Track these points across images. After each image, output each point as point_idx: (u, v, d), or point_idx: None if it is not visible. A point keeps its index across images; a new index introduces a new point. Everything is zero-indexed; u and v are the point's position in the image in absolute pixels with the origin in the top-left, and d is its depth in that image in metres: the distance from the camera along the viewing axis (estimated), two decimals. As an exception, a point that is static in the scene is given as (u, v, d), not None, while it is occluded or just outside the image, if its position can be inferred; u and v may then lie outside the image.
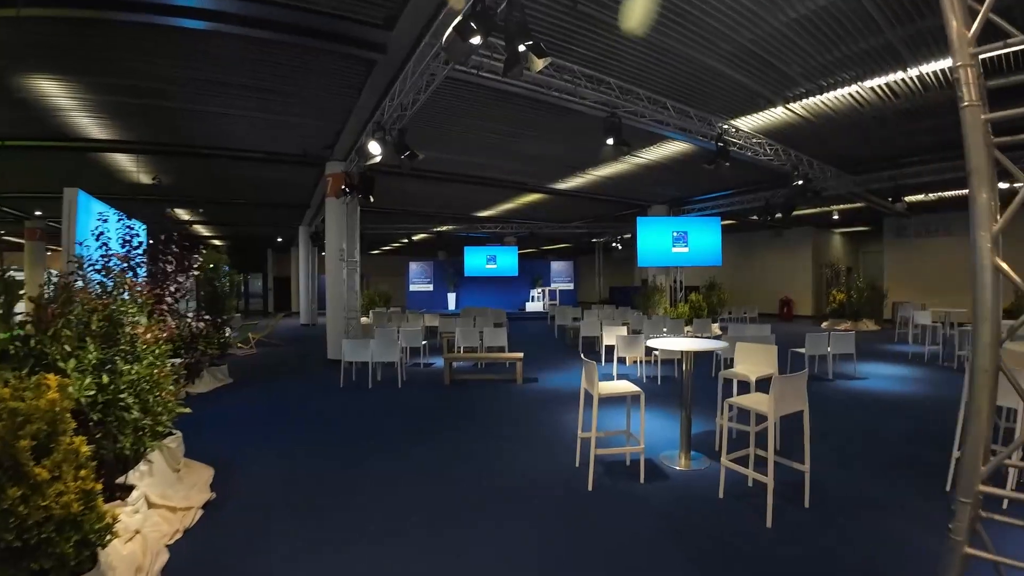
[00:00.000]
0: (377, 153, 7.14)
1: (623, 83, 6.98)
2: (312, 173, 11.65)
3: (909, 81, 7.35)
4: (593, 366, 4.15)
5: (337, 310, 10.74)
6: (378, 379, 8.28)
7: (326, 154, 10.46)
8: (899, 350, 11.52)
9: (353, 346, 8.10)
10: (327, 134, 9.39)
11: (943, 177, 11.22)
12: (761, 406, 3.77)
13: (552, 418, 6.04)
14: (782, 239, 22.10)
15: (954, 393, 7.32)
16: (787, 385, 3.71)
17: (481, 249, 23.98)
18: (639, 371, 8.88)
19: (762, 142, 9.64)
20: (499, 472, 4.43)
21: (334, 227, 10.86)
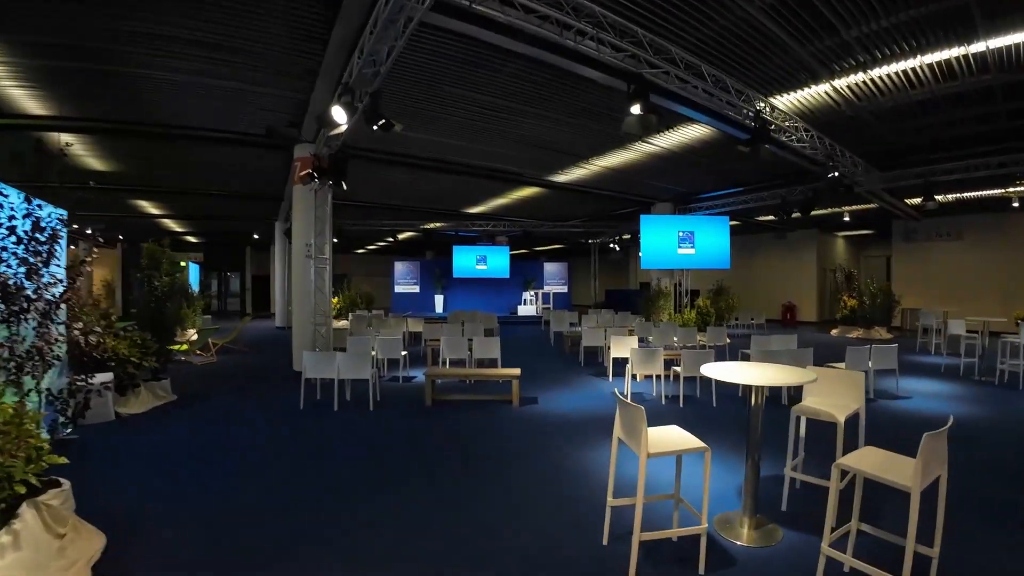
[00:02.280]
0: (343, 121, 5.78)
1: (655, 37, 5.68)
2: (282, 158, 10.25)
3: (972, 58, 6.24)
4: (639, 413, 2.85)
5: (304, 315, 9.33)
6: (347, 398, 6.93)
7: (293, 134, 9.07)
8: (927, 362, 10.47)
9: (316, 360, 6.72)
10: (291, 107, 7.99)
11: (974, 175, 10.17)
12: (895, 475, 2.50)
13: (562, 459, 4.71)
14: (785, 242, 21.16)
15: (1009, 413, 6.49)
16: (938, 444, 2.46)
17: (471, 249, 22.63)
18: (654, 387, 7.63)
19: (798, 126, 8.40)
20: (490, 552, 3.12)
21: (301, 219, 9.46)
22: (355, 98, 6.05)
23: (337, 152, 8.49)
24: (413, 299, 23.23)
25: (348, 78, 6.03)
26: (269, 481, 4.25)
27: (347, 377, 6.65)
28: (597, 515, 3.37)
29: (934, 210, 11.94)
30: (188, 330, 11.76)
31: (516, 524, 3.46)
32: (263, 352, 12.09)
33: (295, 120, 8.53)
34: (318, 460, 4.76)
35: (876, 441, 3.99)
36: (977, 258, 16.52)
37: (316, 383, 7.08)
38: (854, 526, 2.96)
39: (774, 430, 4.84)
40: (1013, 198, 12.85)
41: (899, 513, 3.38)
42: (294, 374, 8.82)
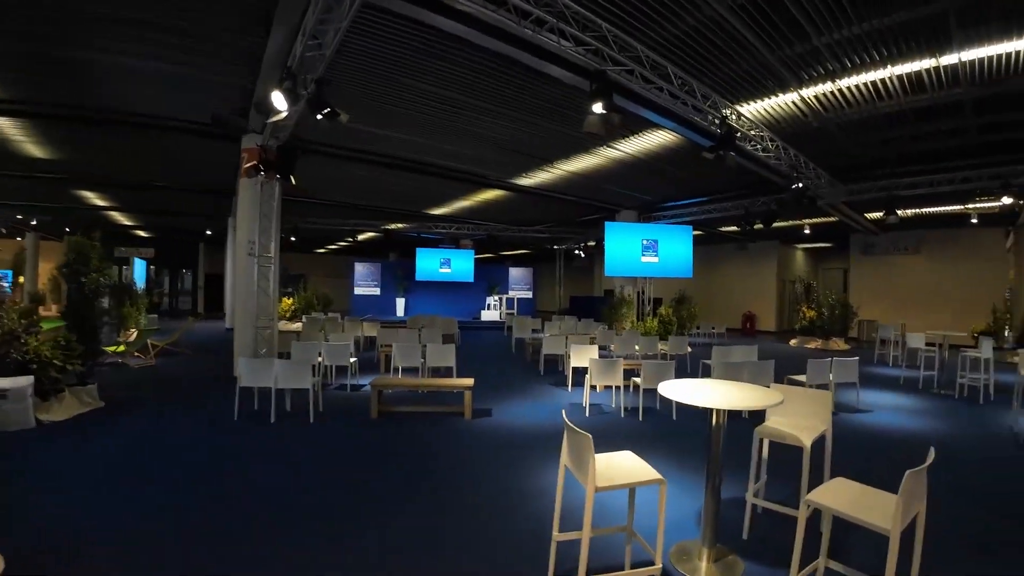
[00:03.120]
0: (283, 108, 5.32)
1: (620, 33, 5.40)
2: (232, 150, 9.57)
3: (943, 70, 6.19)
4: (586, 442, 2.51)
5: (246, 317, 8.72)
6: (287, 408, 6.42)
7: (240, 123, 8.47)
8: (886, 374, 10.57)
9: (252, 367, 6.17)
10: (238, 94, 7.44)
11: (938, 190, 10.29)
12: (872, 514, 2.23)
13: (510, 480, 4.33)
14: (747, 252, 21.44)
15: (975, 429, 6.37)
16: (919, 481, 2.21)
17: (434, 251, 22.12)
18: (613, 399, 7.36)
19: (764, 135, 8.30)
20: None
21: (246, 214, 8.85)
22: (298, 84, 5.59)
23: (285, 144, 7.98)
24: (374, 302, 22.55)
25: (291, 62, 5.57)
26: (189, 501, 3.76)
27: (285, 386, 6.13)
28: (543, 548, 3.02)
29: (894, 224, 12.11)
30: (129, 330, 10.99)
31: (453, 557, 3.08)
32: (207, 355, 11.36)
33: (243, 108, 7.96)
34: (245, 479, 4.27)
35: (842, 462, 3.77)
36: (934, 272, 16.99)
37: (254, 392, 6.54)
38: (822, 563, 2.70)
39: (736, 445, 4.59)
40: (973, 214, 13.16)
41: (869, 546, 3.15)
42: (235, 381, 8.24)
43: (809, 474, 3.23)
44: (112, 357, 9.54)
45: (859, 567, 2.66)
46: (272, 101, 5.28)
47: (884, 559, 2.12)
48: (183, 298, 26.67)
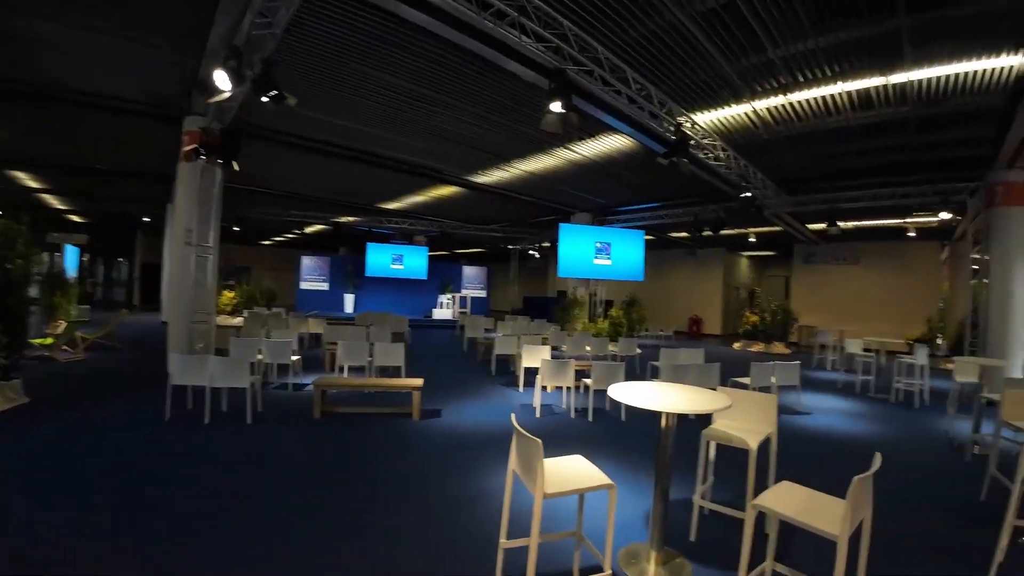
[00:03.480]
0: (226, 88, 5.00)
1: (581, 32, 5.36)
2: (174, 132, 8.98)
3: (891, 89, 6.48)
4: (536, 447, 2.43)
5: (181, 311, 8.22)
6: (223, 409, 6.06)
7: (183, 104, 8.01)
8: (825, 378, 11.03)
9: (185, 364, 5.78)
10: (182, 73, 6.99)
11: (880, 204, 10.83)
12: (819, 520, 2.24)
13: (457, 485, 4.20)
14: (695, 258, 22.07)
15: (911, 433, 6.65)
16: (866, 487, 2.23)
17: (386, 247, 21.58)
18: (564, 400, 7.35)
19: (716, 144, 8.50)
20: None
21: (184, 201, 8.32)
22: (244, 64, 5.27)
23: (229, 127, 7.57)
24: (321, 297, 21.83)
25: (238, 40, 5.25)
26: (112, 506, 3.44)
27: (221, 385, 5.78)
28: (491, 555, 2.92)
29: (836, 236, 12.70)
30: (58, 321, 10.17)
31: (395, 564, 2.93)
32: (141, 350, 10.67)
33: (186, 88, 7.51)
34: (174, 483, 3.97)
35: (786, 463, 3.84)
36: (872, 282, 17.95)
37: (187, 390, 6.15)
38: (769, 567, 2.71)
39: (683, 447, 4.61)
40: (910, 228, 13.97)
41: (814, 548, 3.20)
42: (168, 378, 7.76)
43: (755, 476, 3.26)
44: (39, 350, 8.82)
45: (805, 570, 2.69)
46: (214, 80, 4.96)
47: (829, 561, 2.13)
48: (118, 289, 25.07)
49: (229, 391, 6.14)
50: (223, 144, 7.14)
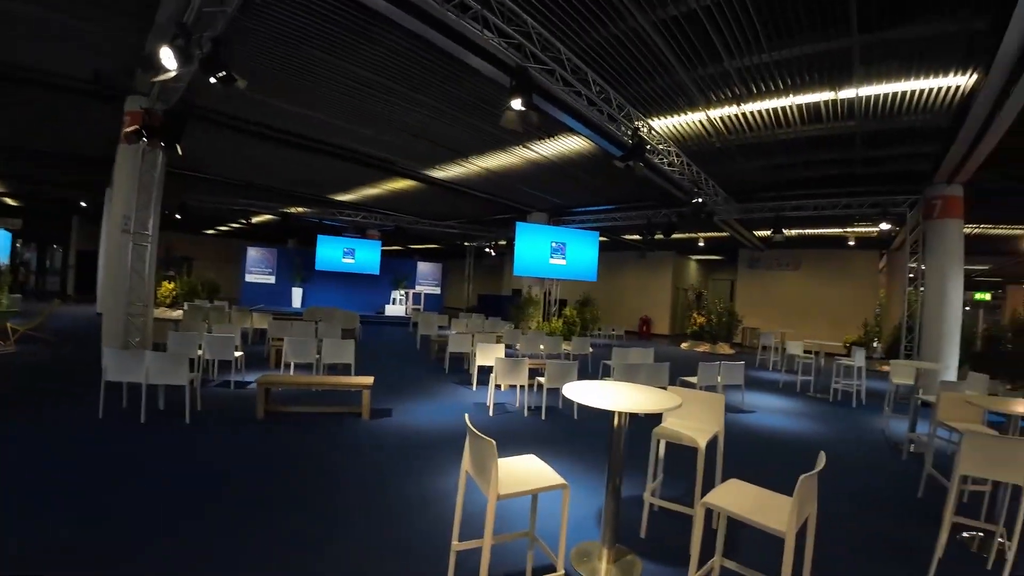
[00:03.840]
0: (172, 67, 4.72)
1: (544, 31, 5.35)
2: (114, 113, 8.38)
3: (840, 103, 6.78)
4: (489, 448, 2.40)
5: (117, 302, 7.74)
6: (160, 407, 5.74)
7: (126, 83, 7.53)
8: (767, 378, 11.50)
9: (120, 359, 5.43)
10: (125, 49, 6.53)
11: (822, 213, 11.37)
12: (767, 517, 2.31)
13: (407, 486, 4.11)
14: (646, 260, 22.55)
15: (850, 431, 7.00)
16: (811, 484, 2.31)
17: (338, 240, 20.97)
18: (518, 398, 7.36)
19: (671, 150, 8.69)
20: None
21: (123, 185, 7.84)
22: (192, 42, 4.99)
23: (173, 109, 7.17)
24: (267, 291, 21.03)
25: (187, 17, 4.96)
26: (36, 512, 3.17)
27: (157, 382, 5.46)
28: (443, 558, 2.87)
29: (779, 242, 13.25)
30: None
31: (342, 569, 2.83)
32: (75, 343, 10.00)
33: (129, 66, 7.04)
34: (105, 486, 3.70)
35: (732, 460, 3.95)
36: (812, 287, 18.86)
37: (123, 387, 5.79)
38: (717, 562, 2.78)
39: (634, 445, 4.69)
40: (850, 237, 14.75)
41: (761, 545, 3.31)
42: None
43: (703, 474, 3.34)
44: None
45: (753, 565, 2.77)
46: (160, 58, 4.67)
47: (776, 556, 2.19)
48: (52, 277, 23.43)
49: (167, 388, 5.82)
50: (166, 126, 6.74)
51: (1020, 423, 3.89)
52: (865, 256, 17.72)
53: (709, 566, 2.76)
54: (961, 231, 9.44)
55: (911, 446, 6.01)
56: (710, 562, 2.77)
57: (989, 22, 4.63)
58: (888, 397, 7.38)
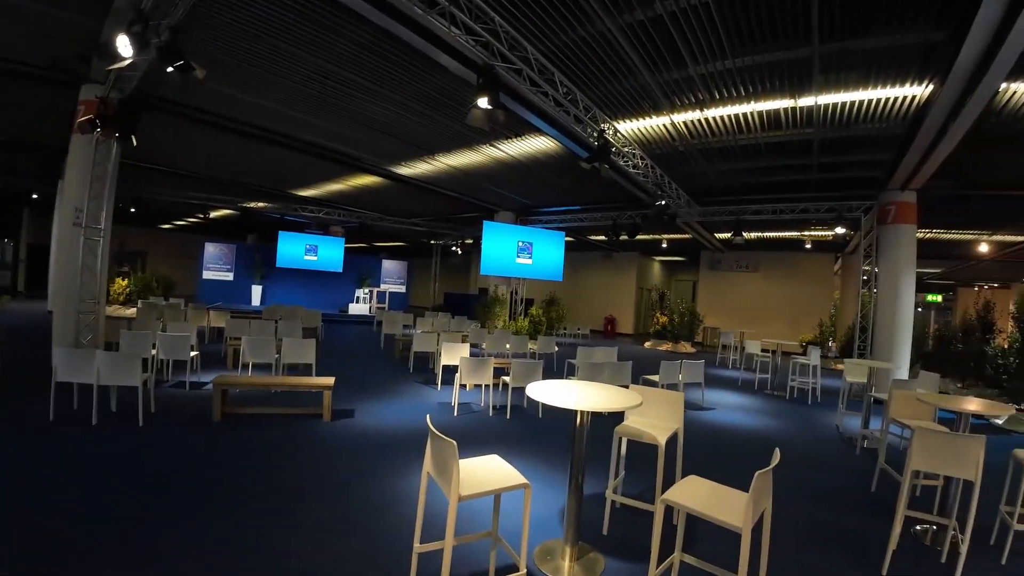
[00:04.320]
0: (128, 55, 4.53)
1: (512, 30, 5.34)
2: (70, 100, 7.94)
3: (799, 111, 6.98)
4: (450, 449, 2.38)
5: (68, 299, 7.38)
6: (112, 409, 5.50)
7: (82, 70, 7.18)
8: (727, 375, 11.81)
9: (70, 359, 5.18)
10: (82, 35, 6.20)
11: (780, 217, 11.71)
12: (724, 513, 2.36)
13: (369, 488, 4.04)
14: (611, 261, 22.87)
15: (805, 427, 7.26)
16: (766, 480, 2.38)
17: (300, 236, 20.45)
18: (483, 397, 7.35)
19: (636, 153, 8.81)
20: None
21: (75, 176, 7.49)
22: (150, 29, 4.79)
23: (129, 98, 6.89)
24: (226, 288, 20.38)
25: (145, 3, 4.76)
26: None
27: (110, 383, 5.23)
28: (404, 560, 2.84)
29: (739, 245, 13.60)
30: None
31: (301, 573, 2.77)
32: (25, 341, 9.50)
33: (86, 53, 6.71)
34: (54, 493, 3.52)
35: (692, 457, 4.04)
36: (770, 288, 19.45)
37: (74, 388, 5.53)
38: (677, 558, 2.83)
39: (597, 443, 4.76)
40: (807, 240, 15.26)
41: (719, 540, 3.39)
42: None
43: (664, 470, 3.41)
44: None
45: (712, 560, 2.83)
46: (116, 45, 4.48)
47: (735, 551, 2.24)
48: (2, 272, 22.13)
49: (119, 389, 5.59)
50: (121, 116, 6.46)
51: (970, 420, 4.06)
52: (821, 259, 18.39)
53: (669, 562, 2.81)
54: (914, 236, 9.85)
55: (864, 442, 6.24)
56: (670, 558, 2.83)
57: (948, 34, 4.81)
58: (842, 395, 7.64)
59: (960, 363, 10.47)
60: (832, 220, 11.07)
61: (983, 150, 7.47)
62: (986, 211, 11.10)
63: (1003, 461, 3.85)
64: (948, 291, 26.48)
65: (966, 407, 3.86)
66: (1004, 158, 7.80)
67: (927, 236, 13.74)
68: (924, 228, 12.39)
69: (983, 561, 3.40)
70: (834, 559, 3.38)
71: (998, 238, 13.65)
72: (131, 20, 4.67)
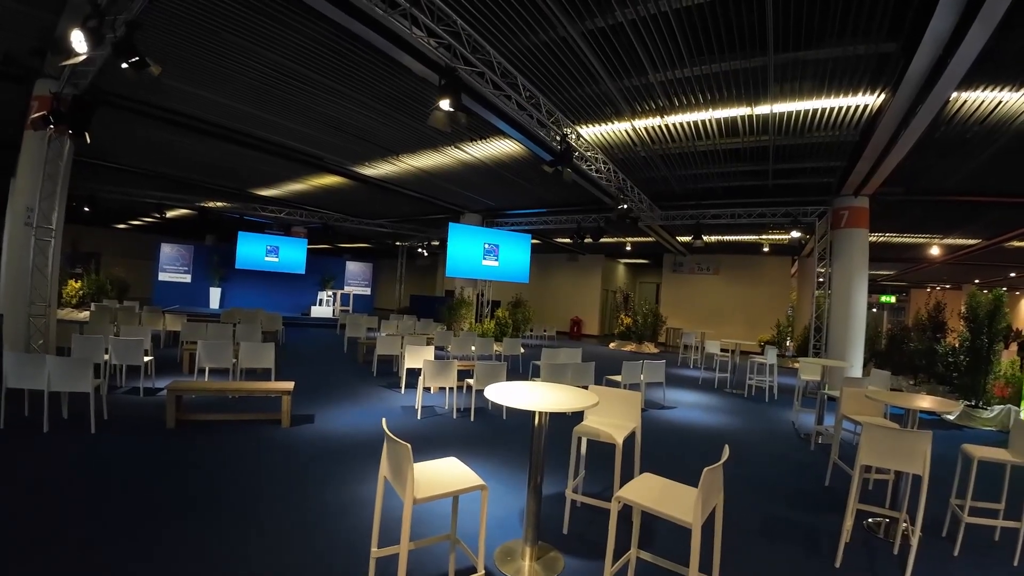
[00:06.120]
0: (82, 51, 4.37)
1: (474, 33, 5.36)
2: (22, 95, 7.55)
3: (755, 119, 7.19)
4: (405, 452, 2.39)
5: (18, 302, 7.04)
6: (64, 416, 5.29)
7: (36, 65, 6.88)
8: (688, 375, 12.07)
9: (20, 364, 4.96)
10: (37, 29, 5.93)
11: (738, 221, 12.03)
12: (675, 508, 2.43)
13: (327, 494, 3.99)
14: (577, 263, 23.12)
15: (762, 424, 7.55)
16: (715, 477, 2.46)
17: (260, 237, 19.89)
18: (447, 401, 7.33)
19: (598, 157, 8.94)
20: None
21: (27, 175, 7.17)
22: (105, 24, 4.63)
23: (83, 94, 6.64)
24: (183, 290, 19.71)
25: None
26: None
27: (61, 389, 5.03)
28: (362, 565, 2.82)
29: (700, 248, 13.90)
30: None
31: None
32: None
33: (40, 47, 6.43)
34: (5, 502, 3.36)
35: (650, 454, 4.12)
36: (730, 290, 20.00)
37: (24, 398, 5.31)
38: (633, 554, 2.90)
39: (560, 442, 4.81)
40: (765, 244, 15.72)
41: (675, 535, 3.46)
42: None
43: (621, 469, 3.48)
44: None
45: (667, 556, 2.91)
46: (71, 40, 4.31)
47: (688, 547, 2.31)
48: None
49: (71, 396, 5.39)
50: (75, 112, 6.22)
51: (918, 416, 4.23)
52: (779, 261, 19.02)
53: (625, 558, 2.87)
54: (866, 240, 10.26)
55: (819, 438, 6.47)
56: (627, 555, 2.89)
57: (900, 44, 5.01)
58: (797, 392, 7.90)
59: (912, 361, 10.95)
60: (788, 224, 11.44)
61: (933, 157, 7.83)
62: (936, 216, 11.63)
63: (954, 455, 4.03)
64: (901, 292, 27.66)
65: (914, 404, 4.01)
66: (953, 165, 8.17)
67: (880, 240, 14.30)
68: (876, 232, 12.89)
69: (935, 553, 3.55)
70: (788, 552, 3.49)
71: (948, 242, 14.32)
72: (87, 15, 4.51)
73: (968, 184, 8.99)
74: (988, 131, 6.69)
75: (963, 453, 3.90)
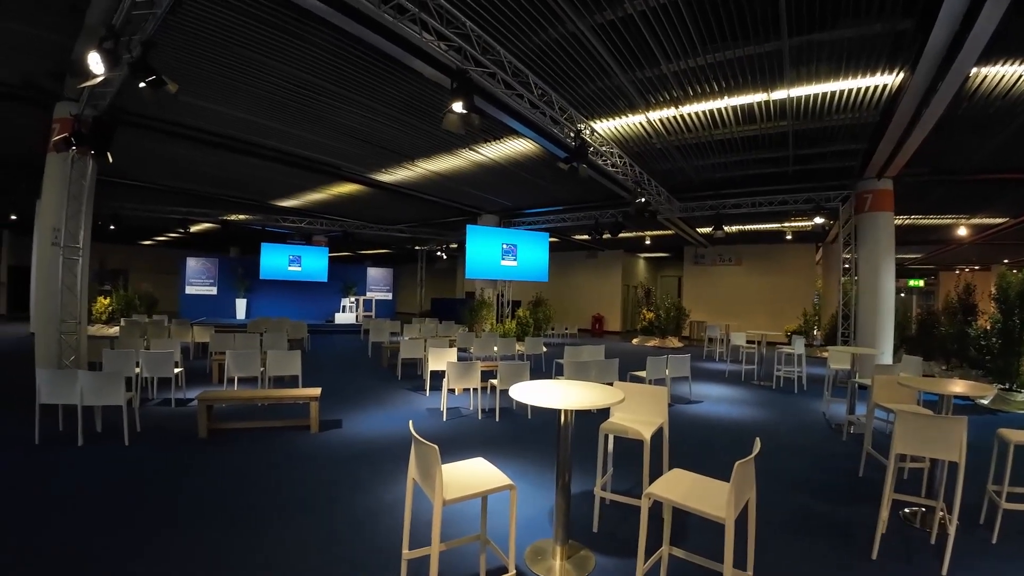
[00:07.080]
0: (99, 72, 4.48)
1: (483, 34, 5.36)
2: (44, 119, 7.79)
3: (772, 104, 7.06)
4: (433, 453, 2.39)
5: (49, 320, 7.26)
6: (97, 429, 5.43)
7: (55, 88, 7.10)
8: (714, 368, 11.90)
9: (53, 380, 5.11)
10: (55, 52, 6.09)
11: (759, 210, 11.83)
12: (707, 504, 2.39)
13: (357, 499, 4.02)
14: (596, 260, 22.99)
15: (792, 416, 7.41)
16: (747, 470, 2.41)
17: (283, 247, 20.24)
18: (471, 401, 7.35)
19: (613, 151, 8.87)
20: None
21: (52, 196, 7.36)
22: (121, 45, 4.74)
23: (103, 115, 6.82)
24: (209, 303, 20.10)
25: (116, 19, 4.72)
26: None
27: (94, 403, 5.17)
28: (394, 568, 2.83)
29: (721, 239, 13.70)
30: None
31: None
32: (9, 364, 9.32)
33: (59, 70, 6.63)
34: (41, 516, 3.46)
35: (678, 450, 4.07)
36: (753, 281, 19.69)
37: (59, 412, 5.46)
38: (665, 551, 2.86)
39: (587, 440, 4.78)
40: (787, 232, 15.42)
41: (707, 531, 3.42)
42: (22, 396, 6.78)
43: (650, 465, 3.44)
44: None
45: (700, 552, 2.86)
46: (88, 62, 4.42)
47: (721, 542, 2.27)
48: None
49: (104, 409, 5.53)
50: (96, 133, 6.39)
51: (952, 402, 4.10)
52: (802, 249, 18.65)
53: (658, 555, 2.84)
54: (891, 223, 9.99)
55: (851, 428, 6.31)
56: (659, 551, 2.86)
57: (916, 21, 4.87)
58: (827, 382, 7.73)
59: (943, 346, 10.64)
60: (811, 211, 11.21)
61: (957, 135, 7.60)
62: (961, 195, 11.29)
63: (990, 441, 3.91)
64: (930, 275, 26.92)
65: (948, 389, 3.90)
66: (978, 142, 7.92)
67: (905, 222, 13.94)
68: (902, 215, 12.56)
69: (973, 541, 3.45)
70: (823, 545, 3.41)
71: (975, 222, 13.89)
72: (102, 36, 4.62)
73: (993, 161, 8.72)
74: (1012, 104, 6.47)
75: (999, 438, 3.79)
